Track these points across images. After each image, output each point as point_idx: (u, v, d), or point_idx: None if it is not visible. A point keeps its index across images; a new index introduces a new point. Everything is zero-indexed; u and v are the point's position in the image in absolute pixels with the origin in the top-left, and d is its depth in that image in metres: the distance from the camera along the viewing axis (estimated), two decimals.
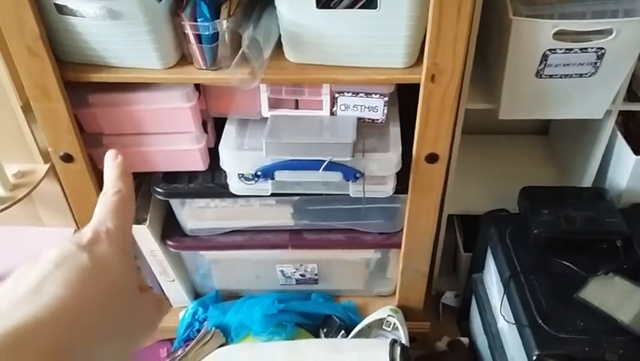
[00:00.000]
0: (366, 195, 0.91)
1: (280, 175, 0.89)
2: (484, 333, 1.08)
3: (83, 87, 0.85)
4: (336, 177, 0.88)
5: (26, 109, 0.94)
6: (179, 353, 1.09)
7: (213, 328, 1.10)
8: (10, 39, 0.76)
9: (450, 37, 0.74)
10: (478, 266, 1.11)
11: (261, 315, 1.08)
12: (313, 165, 0.86)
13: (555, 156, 1.24)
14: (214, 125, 0.97)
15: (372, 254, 1.10)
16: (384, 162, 0.88)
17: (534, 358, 0.82)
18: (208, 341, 1.08)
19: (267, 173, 0.88)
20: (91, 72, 0.81)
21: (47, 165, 1.01)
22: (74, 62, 0.82)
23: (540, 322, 0.84)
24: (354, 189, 0.91)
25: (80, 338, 0.30)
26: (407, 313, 1.14)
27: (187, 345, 1.11)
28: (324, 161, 0.86)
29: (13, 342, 0.27)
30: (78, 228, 1.14)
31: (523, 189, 0.99)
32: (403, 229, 1.04)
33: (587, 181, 1.07)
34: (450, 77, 0.78)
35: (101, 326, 0.32)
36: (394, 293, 1.19)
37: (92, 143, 0.92)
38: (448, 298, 1.23)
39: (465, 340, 1.17)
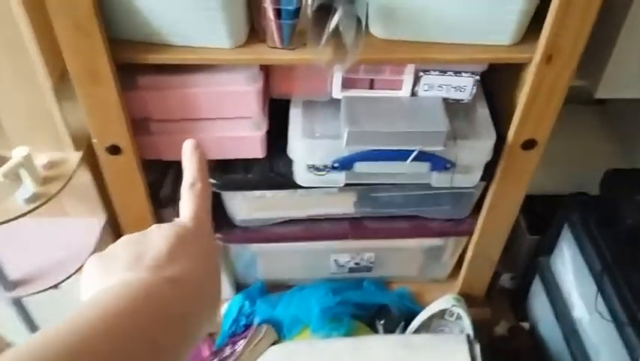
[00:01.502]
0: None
1: (360, 167, 0.79)
2: (552, 320, 1.02)
3: (132, 67, 0.73)
4: (422, 167, 0.79)
5: (57, 88, 0.81)
6: (227, 352, 1.01)
7: (265, 324, 1.02)
8: (56, 14, 0.63)
9: (578, 11, 0.64)
10: (546, 249, 1.04)
11: (318, 309, 1.00)
12: (399, 155, 0.77)
13: (614, 130, 1.17)
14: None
15: (435, 241, 1.02)
16: (478, 150, 0.79)
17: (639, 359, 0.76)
18: (261, 339, 0.99)
19: (345, 164, 0.78)
20: (148, 52, 0.69)
21: (80, 153, 0.89)
22: (127, 39, 0.69)
23: None
24: (436, 179, 0.82)
25: (199, 303, 0.35)
26: (468, 299, 1.07)
27: (234, 342, 1.02)
28: (413, 151, 0.76)
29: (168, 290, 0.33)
30: (109, 220, 1.02)
31: (609, 172, 0.91)
32: (470, 215, 0.96)
33: None
34: (568, 58, 0.69)
35: (211, 298, 0.37)
36: (449, 278, 1.13)
37: (138, 130, 0.80)
38: (505, 280, 1.17)
39: (526, 325, 1.11)
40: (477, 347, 0.90)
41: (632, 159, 1.09)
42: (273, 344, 1.00)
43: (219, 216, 0.96)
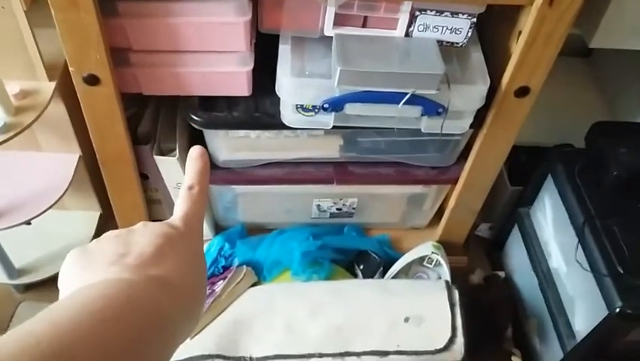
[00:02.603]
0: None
1: (351, 108, 0.76)
2: (528, 270, 1.04)
3: None
4: (414, 112, 0.77)
5: (31, 12, 0.76)
6: (207, 292, 1.00)
7: (244, 265, 1.01)
8: None
9: None
10: (527, 200, 1.05)
11: (299, 253, 0.99)
12: (391, 98, 0.74)
13: (601, 83, 1.16)
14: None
15: (418, 189, 1.02)
16: (471, 96, 0.77)
17: (617, 310, 0.78)
18: (240, 280, 0.99)
19: (336, 105, 0.76)
20: None
21: (53, 83, 0.84)
22: None
23: (621, 271, 0.80)
24: (426, 125, 0.81)
25: (185, 306, 0.34)
26: (446, 247, 1.08)
27: (213, 283, 1.01)
28: (406, 94, 0.74)
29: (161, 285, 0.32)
30: (84, 155, 0.99)
31: (596, 124, 0.91)
32: (455, 164, 0.96)
33: None
34: (571, 1, 0.66)
35: (197, 301, 0.36)
36: (429, 225, 1.13)
37: (117, 61, 0.75)
38: (482, 230, 1.18)
39: (501, 274, 1.13)
40: (456, 293, 0.91)
41: (618, 112, 1.09)
42: (253, 285, 1.00)
43: None
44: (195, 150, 0.42)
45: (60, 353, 0.26)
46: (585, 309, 0.89)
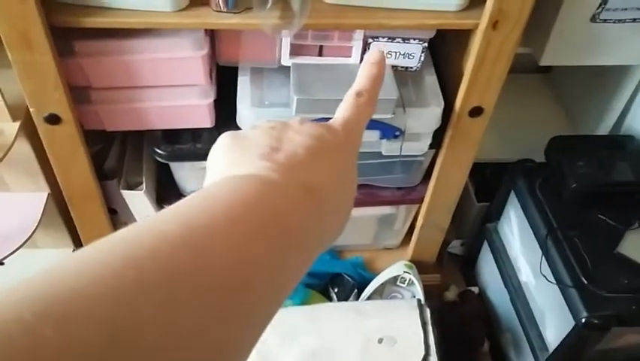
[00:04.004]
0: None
1: None
2: (500, 284, 1.05)
3: (68, 32, 0.69)
4: (372, 135, 0.79)
5: None
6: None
7: None
8: None
9: None
10: (493, 216, 1.07)
11: None
12: None
13: (561, 98, 1.19)
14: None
15: (387, 210, 1.03)
16: (426, 118, 0.79)
17: (583, 320, 0.79)
18: None
19: None
20: (84, 15, 0.66)
21: (17, 124, 0.85)
22: (62, 2, 0.66)
23: (585, 282, 0.81)
24: (386, 148, 0.82)
25: (331, 219, 0.32)
26: (419, 266, 1.09)
27: None
28: None
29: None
30: (53, 193, 0.99)
31: (554, 139, 0.93)
32: (421, 184, 0.97)
33: (604, 128, 1.03)
34: (514, 24, 0.69)
35: (342, 215, 0.34)
36: (401, 245, 1.14)
37: (78, 99, 0.77)
38: (455, 247, 1.19)
39: (475, 289, 1.14)
40: (427, 311, 0.92)
41: (576, 126, 1.12)
42: None
43: (168, 188, 0.95)
44: (374, 55, 0.39)
45: (194, 260, 0.23)
46: (555, 321, 0.90)
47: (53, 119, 0.74)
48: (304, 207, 0.29)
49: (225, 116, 0.82)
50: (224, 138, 0.33)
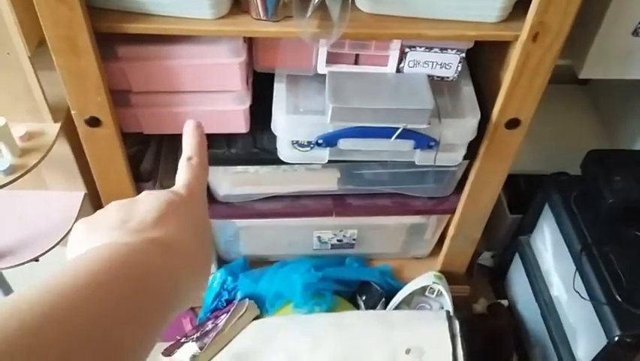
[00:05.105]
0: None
1: (344, 143, 0.78)
2: (530, 298, 1.04)
3: (111, 38, 0.71)
4: (406, 145, 0.79)
5: (35, 58, 0.79)
6: (209, 326, 1.01)
7: (247, 299, 1.02)
8: None
9: None
10: (526, 228, 1.05)
11: (301, 285, 1.00)
12: (384, 133, 0.76)
13: (598, 111, 1.17)
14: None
15: (417, 219, 1.03)
16: (462, 129, 0.79)
17: (615, 338, 0.78)
18: (243, 313, 1.00)
19: (329, 141, 0.78)
20: (128, 22, 0.67)
21: (58, 125, 0.87)
22: (107, 8, 0.67)
23: (619, 299, 0.80)
24: (420, 157, 0.82)
25: (188, 270, 0.34)
26: (448, 277, 1.08)
27: (216, 317, 1.02)
28: (397, 128, 0.76)
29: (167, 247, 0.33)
30: (89, 193, 1.01)
31: (591, 152, 0.92)
32: (453, 194, 0.96)
33: None
34: (555, 37, 0.68)
35: (199, 265, 0.36)
36: (430, 255, 1.13)
37: (118, 102, 0.78)
38: (485, 258, 1.18)
39: (504, 302, 1.13)
40: (456, 324, 0.91)
41: (613, 140, 1.10)
42: (255, 318, 1.01)
43: None
44: (190, 124, 0.42)
45: (51, 317, 0.25)
46: (586, 337, 0.88)
47: (94, 122, 0.76)
48: (153, 257, 0.32)
49: (260, 122, 0.83)
50: (79, 225, 0.35)
